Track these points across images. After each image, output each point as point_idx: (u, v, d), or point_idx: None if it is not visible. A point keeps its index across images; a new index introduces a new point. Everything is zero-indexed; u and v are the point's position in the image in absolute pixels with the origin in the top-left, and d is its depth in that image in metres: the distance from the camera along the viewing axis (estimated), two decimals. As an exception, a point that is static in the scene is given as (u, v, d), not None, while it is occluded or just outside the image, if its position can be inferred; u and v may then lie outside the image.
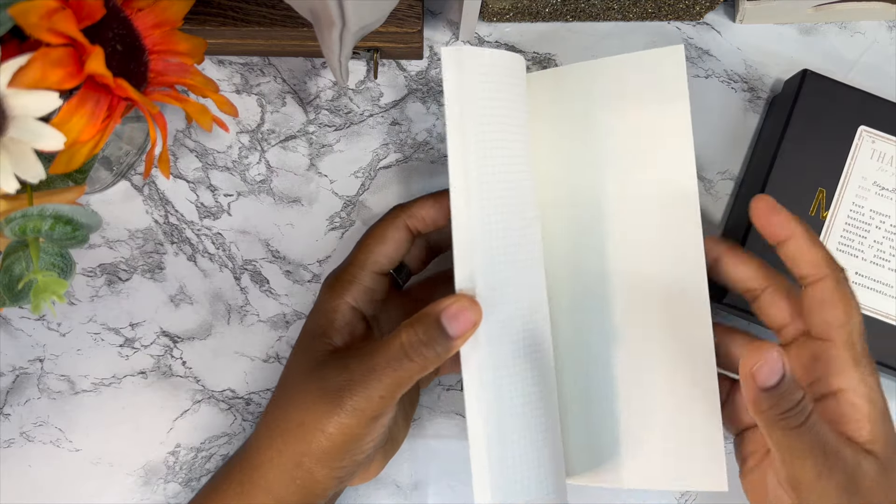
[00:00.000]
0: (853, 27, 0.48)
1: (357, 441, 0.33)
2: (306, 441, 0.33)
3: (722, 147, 0.47)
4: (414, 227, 0.36)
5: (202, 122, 0.32)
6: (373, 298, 0.36)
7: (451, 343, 0.31)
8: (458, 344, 0.31)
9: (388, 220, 0.36)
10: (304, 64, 0.46)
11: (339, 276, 0.36)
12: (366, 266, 0.36)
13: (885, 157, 0.43)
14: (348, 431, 0.32)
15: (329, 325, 0.35)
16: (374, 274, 0.36)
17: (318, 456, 0.33)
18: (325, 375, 0.33)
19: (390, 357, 0.31)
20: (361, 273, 0.36)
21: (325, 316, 0.35)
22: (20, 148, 0.25)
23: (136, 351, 0.45)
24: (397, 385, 0.31)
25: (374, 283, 0.36)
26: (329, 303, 0.36)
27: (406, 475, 0.45)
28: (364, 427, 0.32)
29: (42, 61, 0.25)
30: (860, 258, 0.42)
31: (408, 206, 0.37)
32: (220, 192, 0.46)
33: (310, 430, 0.33)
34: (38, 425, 0.45)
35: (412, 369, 0.31)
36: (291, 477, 0.34)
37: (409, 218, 0.36)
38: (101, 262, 0.45)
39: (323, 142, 0.46)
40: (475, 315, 0.31)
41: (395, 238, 0.36)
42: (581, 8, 0.45)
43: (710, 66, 0.47)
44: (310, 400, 0.33)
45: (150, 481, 0.45)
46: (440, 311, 0.31)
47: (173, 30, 0.32)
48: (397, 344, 0.31)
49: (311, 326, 0.36)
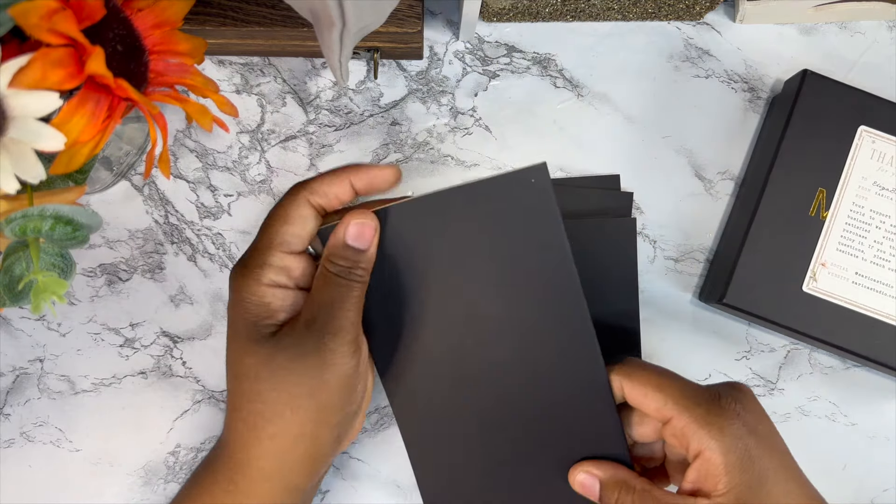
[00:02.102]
0: (853, 27, 0.48)
1: (351, 383, 0.35)
2: (303, 407, 0.34)
3: (722, 147, 0.47)
4: (317, 203, 0.36)
5: (202, 123, 0.32)
6: (291, 275, 0.36)
7: (365, 254, 0.35)
8: (372, 252, 0.36)
9: (288, 199, 0.36)
10: (304, 64, 0.46)
11: (246, 263, 0.35)
12: (272, 247, 0.35)
13: (885, 157, 0.43)
14: (342, 372, 0.34)
15: (265, 309, 0.35)
16: (284, 254, 0.35)
17: (319, 416, 0.34)
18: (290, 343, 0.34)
19: (336, 289, 0.35)
20: (269, 254, 0.35)
21: (254, 303, 0.35)
22: (20, 148, 0.25)
23: (136, 351, 0.45)
24: (357, 305, 0.35)
25: (286, 261, 0.35)
26: (250, 289, 0.35)
27: (406, 475, 0.45)
28: (352, 361, 0.34)
29: (42, 62, 0.25)
30: (860, 258, 0.42)
31: (308, 183, 0.36)
32: (221, 192, 0.46)
33: (303, 394, 0.34)
34: (38, 425, 0.45)
35: (357, 288, 0.35)
36: (293, 454, 0.34)
37: (311, 195, 0.36)
38: (101, 262, 0.45)
39: (323, 142, 0.46)
40: (373, 221, 0.36)
41: (298, 215, 0.35)
42: (581, 8, 0.45)
43: (710, 66, 0.47)
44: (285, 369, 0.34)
45: (150, 481, 0.45)
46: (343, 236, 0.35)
47: (173, 30, 0.32)
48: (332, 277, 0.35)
49: (243, 315, 0.35)
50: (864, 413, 0.46)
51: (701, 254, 0.47)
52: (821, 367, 0.46)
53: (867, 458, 0.46)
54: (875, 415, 0.46)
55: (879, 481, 0.46)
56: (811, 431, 0.46)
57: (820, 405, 0.46)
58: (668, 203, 0.47)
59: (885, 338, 0.42)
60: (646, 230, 0.47)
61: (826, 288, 0.42)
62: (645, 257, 0.46)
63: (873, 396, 0.46)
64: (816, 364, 0.46)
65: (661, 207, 0.47)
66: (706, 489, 0.33)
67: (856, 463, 0.46)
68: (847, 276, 0.42)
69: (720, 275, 0.44)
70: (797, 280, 0.42)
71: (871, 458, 0.46)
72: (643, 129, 0.47)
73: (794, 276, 0.42)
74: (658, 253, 0.46)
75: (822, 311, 0.42)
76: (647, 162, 0.47)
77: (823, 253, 0.42)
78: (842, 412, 0.46)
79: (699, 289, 0.46)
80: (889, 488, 0.46)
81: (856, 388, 0.46)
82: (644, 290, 0.46)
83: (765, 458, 0.33)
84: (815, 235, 0.42)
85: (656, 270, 0.46)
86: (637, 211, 0.46)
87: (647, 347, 0.46)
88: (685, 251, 0.47)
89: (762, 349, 0.46)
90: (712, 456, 0.33)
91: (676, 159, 0.47)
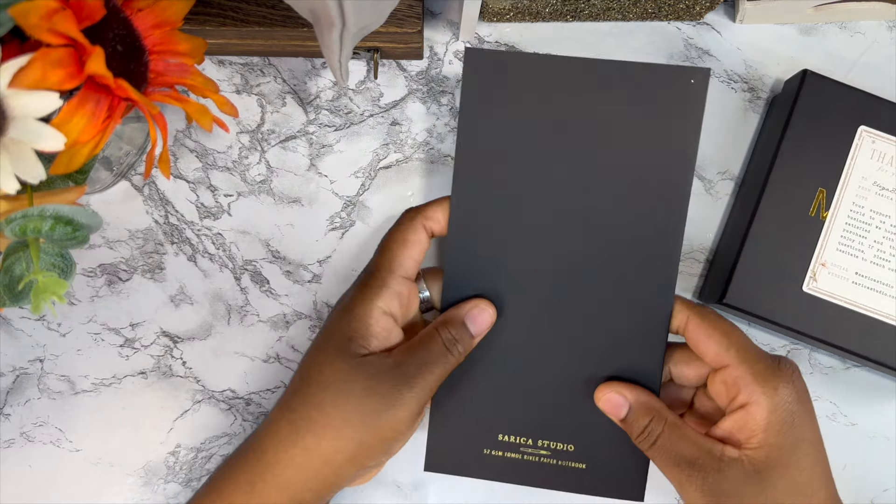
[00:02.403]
0: (853, 27, 0.48)
1: (401, 436, 0.35)
2: (347, 437, 0.34)
3: (722, 147, 0.47)
4: (430, 228, 0.38)
5: (202, 123, 0.32)
6: (401, 303, 0.37)
7: (472, 341, 0.37)
8: (477, 341, 0.37)
9: (406, 224, 0.38)
10: (304, 64, 0.46)
11: (367, 282, 0.37)
12: (393, 270, 0.37)
13: (885, 157, 0.43)
14: (397, 426, 0.35)
15: (366, 330, 0.36)
16: (402, 278, 0.37)
17: (355, 453, 0.34)
18: (372, 375, 0.34)
19: (436, 352, 0.36)
20: (390, 278, 0.37)
21: (359, 320, 0.36)
22: (20, 148, 0.25)
23: (136, 351, 0.45)
24: (442, 376, 0.36)
25: (402, 286, 0.37)
26: (362, 308, 0.36)
27: (406, 475, 0.45)
28: (412, 421, 0.35)
29: (42, 62, 0.25)
30: (860, 258, 0.42)
31: (423, 209, 0.38)
32: (221, 192, 0.46)
33: (355, 426, 0.34)
34: (38, 425, 0.45)
35: (452, 362, 0.36)
36: (315, 475, 0.35)
37: (426, 220, 0.38)
38: (101, 263, 0.45)
39: (323, 142, 0.46)
40: (491, 316, 0.38)
41: (416, 240, 0.37)
42: (581, 8, 0.45)
43: (710, 66, 0.47)
44: (355, 398, 0.34)
45: (150, 481, 0.45)
46: (464, 313, 0.37)
47: (173, 30, 0.32)
48: (440, 341, 0.36)
49: (344, 328, 0.36)
50: (864, 413, 0.46)
51: (701, 254, 0.47)
52: (821, 367, 0.46)
53: (867, 458, 0.46)
54: (875, 415, 0.46)
55: (879, 481, 0.46)
56: (811, 431, 0.46)
57: (820, 405, 0.46)
58: (668, 203, 0.47)
59: (885, 338, 0.42)
60: (646, 230, 0.47)
61: (826, 288, 0.42)
62: (645, 257, 0.46)
63: (873, 396, 0.46)
64: (816, 364, 0.46)
65: (661, 207, 0.47)
66: (738, 440, 0.34)
67: (856, 463, 0.46)
68: (847, 276, 0.42)
69: (720, 275, 0.44)
70: (797, 280, 0.42)
71: (871, 458, 0.46)
72: (643, 129, 0.47)
73: (794, 276, 0.42)
74: (658, 253, 0.46)
75: (822, 311, 0.42)
76: (647, 162, 0.47)
77: (823, 253, 0.42)
78: (842, 412, 0.46)
79: (699, 289, 0.46)
80: (889, 488, 0.46)
81: (856, 388, 0.46)
82: (644, 290, 0.46)
83: (804, 429, 0.34)
84: (815, 235, 0.42)
85: (656, 270, 0.46)
86: (637, 211, 0.46)
87: (647, 347, 0.46)
88: (685, 251, 0.47)
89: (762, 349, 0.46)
90: (758, 411, 0.34)
91: (676, 159, 0.47)
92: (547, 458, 0.39)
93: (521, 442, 0.39)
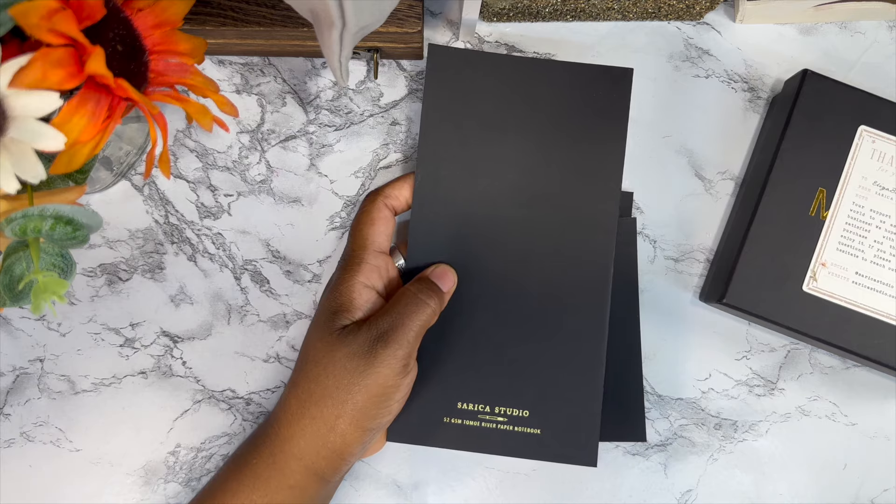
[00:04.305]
0: (853, 27, 0.48)
1: (389, 393, 0.37)
2: (341, 401, 0.37)
3: (722, 147, 0.47)
4: (391, 205, 0.41)
5: (202, 123, 0.32)
6: (381, 275, 0.41)
7: (443, 294, 0.40)
8: (447, 297, 0.40)
9: (369, 206, 0.41)
10: (304, 64, 0.46)
11: (347, 262, 0.40)
12: (367, 247, 0.40)
13: (885, 157, 0.43)
14: (384, 382, 0.37)
15: (349, 303, 0.39)
16: (376, 252, 0.40)
17: (353, 415, 0.37)
18: (351, 341, 0.37)
19: (409, 307, 0.38)
20: (366, 254, 0.40)
21: (344, 295, 0.39)
22: (21, 148, 0.25)
23: (136, 351, 0.45)
24: (420, 329, 0.38)
25: (378, 260, 0.40)
26: (345, 284, 0.39)
27: (406, 475, 0.45)
28: (396, 375, 0.37)
29: (43, 62, 0.25)
30: (860, 258, 0.42)
31: (382, 190, 0.42)
32: (221, 192, 0.46)
33: (345, 388, 0.37)
34: (39, 425, 0.45)
35: (427, 313, 0.39)
36: (324, 442, 0.37)
37: (387, 199, 0.41)
38: (101, 262, 0.45)
39: (323, 142, 0.46)
40: (454, 276, 0.41)
41: (381, 217, 0.41)
42: (581, 8, 0.45)
43: (710, 66, 0.47)
44: (340, 363, 0.37)
45: (150, 481, 0.45)
46: (429, 273, 0.41)
47: (173, 30, 0.32)
48: (411, 293, 0.39)
49: (330, 304, 0.39)
50: (864, 413, 0.46)
51: (701, 254, 0.47)
52: (821, 366, 0.46)
53: (867, 458, 0.46)
54: (875, 415, 0.46)
55: (879, 481, 0.46)
56: (811, 431, 0.46)
57: (820, 405, 0.46)
58: (669, 203, 0.47)
59: (885, 338, 0.42)
60: (646, 230, 0.47)
61: (826, 288, 0.42)
62: (645, 257, 0.46)
63: (873, 396, 0.46)
64: (816, 364, 0.46)
65: (662, 207, 0.47)
66: None
67: (856, 463, 0.46)
68: (847, 276, 0.42)
69: (720, 274, 0.44)
70: (797, 280, 0.42)
71: (871, 458, 0.46)
72: (643, 128, 0.47)
73: (794, 276, 0.42)
74: (658, 253, 0.46)
75: (822, 310, 0.42)
76: (647, 162, 0.47)
77: (823, 253, 0.42)
78: (842, 412, 0.46)
79: (699, 289, 0.46)
80: (889, 488, 0.46)
81: (856, 388, 0.46)
82: (644, 289, 0.46)
83: None
84: (815, 235, 0.42)
85: (656, 270, 0.46)
86: (637, 211, 0.46)
87: (647, 347, 0.46)
88: (685, 251, 0.47)
89: (762, 349, 0.46)
90: None
91: (676, 159, 0.47)
92: (503, 425, 0.41)
93: (479, 409, 0.41)
